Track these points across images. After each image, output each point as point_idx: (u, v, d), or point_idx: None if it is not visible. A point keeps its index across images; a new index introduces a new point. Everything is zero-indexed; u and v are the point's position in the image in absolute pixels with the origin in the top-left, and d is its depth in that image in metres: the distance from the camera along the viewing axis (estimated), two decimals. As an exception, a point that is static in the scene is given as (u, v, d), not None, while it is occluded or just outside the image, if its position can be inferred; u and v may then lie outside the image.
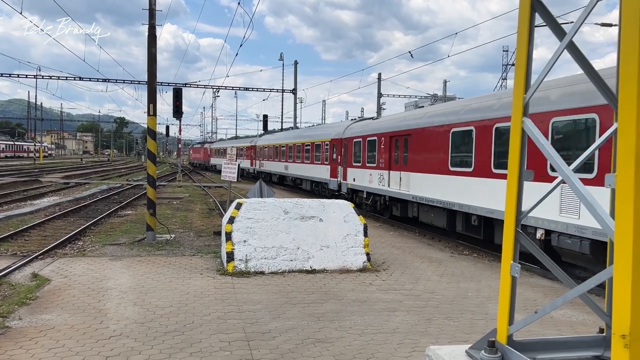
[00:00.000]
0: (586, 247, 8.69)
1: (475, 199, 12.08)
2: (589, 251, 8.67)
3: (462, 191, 12.69)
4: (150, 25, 13.31)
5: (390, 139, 17.08)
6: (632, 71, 2.27)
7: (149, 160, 13.26)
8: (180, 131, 40.09)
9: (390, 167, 17.05)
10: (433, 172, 14.17)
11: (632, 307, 2.25)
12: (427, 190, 14.46)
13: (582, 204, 2.61)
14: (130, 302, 7.49)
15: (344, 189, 21.48)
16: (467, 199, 12.41)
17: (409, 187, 15.54)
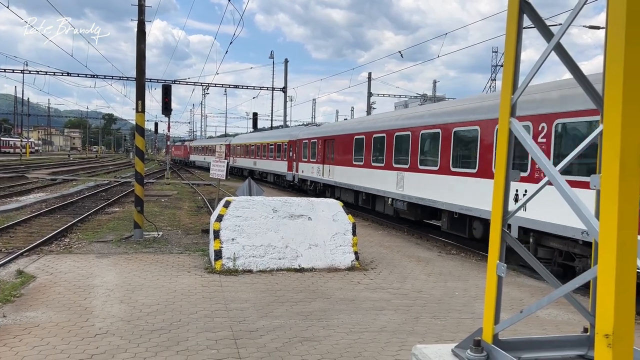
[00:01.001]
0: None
1: (364, 182, 18.49)
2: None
3: (359, 177, 18.89)
4: (139, 21, 13.22)
5: (324, 142, 23.16)
6: (617, 74, 2.29)
7: (137, 157, 13.17)
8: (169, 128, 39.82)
9: (324, 162, 23.08)
10: (345, 165, 20.42)
11: (615, 307, 2.27)
12: (342, 177, 20.75)
13: (568, 204, 2.62)
14: (116, 300, 7.43)
15: (296, 180, 27.52)
16: (362, 183, 18.70)
17: (333, 176, 21.77)
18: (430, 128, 14.07)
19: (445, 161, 13.22)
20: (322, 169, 23.00)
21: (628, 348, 2.30)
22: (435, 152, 13.71)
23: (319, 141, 23.78)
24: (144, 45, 13.24)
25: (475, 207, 11.82)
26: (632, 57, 2.29)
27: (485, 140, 11.58)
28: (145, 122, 13.31)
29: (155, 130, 66.07)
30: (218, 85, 44.19)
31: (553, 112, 9.54)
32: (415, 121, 15.07)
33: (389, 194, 16.31)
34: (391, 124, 16.73)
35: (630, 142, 2.31)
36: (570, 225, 8.81)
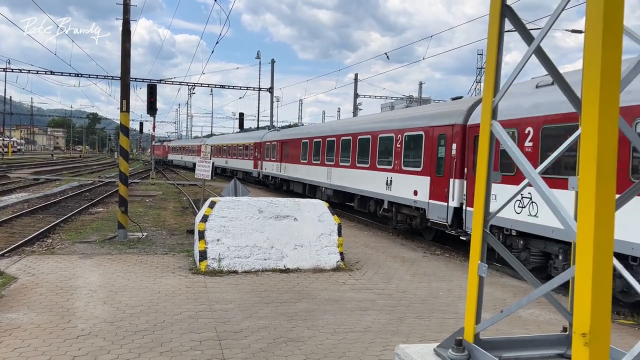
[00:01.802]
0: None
1: (308, 176, 23.14)
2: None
3: (304, 173, 23.57)
4: (124, 20, 13.12)
5: (281, 144, 27.98)
6: (595, 78, 2.34)
7: (121, 157, 13.07)
8: (154, 128, 39.53)
9: (281, 161, 27.80)
10: (295, 163, 25.16)
11: (592, 306, 2.32)
12: (293, 173, 25.54)
13: (547, 205, 2.67)
14: (99, 301, 7.37)
15: (261, 176, 32.24)
16: (306, 177, 23.35)
17: (288, 172, 26.48)
18: (347, 136, 19.20)
19: (353, 159, 18.37)
20: (280, 167, 28.02)
21: (604, 346, 2.35)
22: (348, 153, 18.88)
23: (277, 143, 28.66)
24: (129, 44, 13.15)
25: (368, 190, 17.00)
26: (608, 62, 2.34)
27: (374, 144, 16.81)
28: (130, 121, 13.21)
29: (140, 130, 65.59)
30: (204, 85, 43.98)
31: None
32: (338, 131, 20.43)
33: (322, 184, 21.32)
34: (324, 132, 21.99)
35: (606, 145, 2.36)
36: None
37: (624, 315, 8.07)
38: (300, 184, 24.55)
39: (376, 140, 16.57)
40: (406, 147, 14.76)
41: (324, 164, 21.09)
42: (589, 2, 2.41)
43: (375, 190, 16.37)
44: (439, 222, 13.04)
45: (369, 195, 16.87)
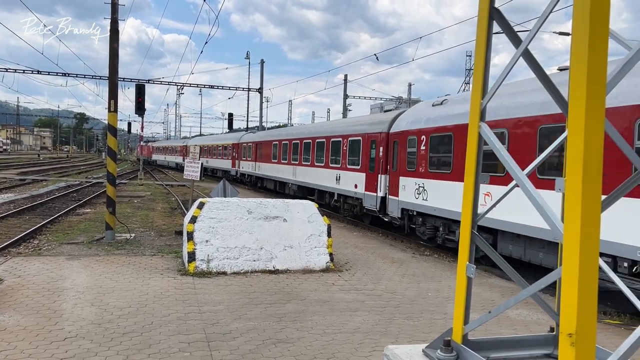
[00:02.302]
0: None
1: (277, 174, 26.34)
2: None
3: (275, 171, 26.79)
4: (112, 19, 13.03)
5: (256, 145, 31.41)
6: (581, 79, 2.37)
7: (109, 158, 12.97)
8: (143, 128, 39.26)
9: (256, 160, 31.04)
10: (267, 163, 28.43)
11: (578, 306, 2.34)
12: (265, 171, 28.88)
13: (534, 206, 2.69)
14: (87, 303, 7.31)
15: (238, 174, 35.22)
16: (276, 174, 26.54)
17: (261, 170, 29.88)
18: (308, 139, 22.42)
19: (313, 159, 21.42)
20: (255, 166, 31.44)
21: (590, 346, 2.37)
22: (309, 154, 21.93)
23: (253, 145, 32.13)
24: (117, 44, 13.06)
25: (324, 185, 20.22)
26: (595, 64, 2.37)
27: (327, 147, 20.10)
28: (117, 121, 13.12)
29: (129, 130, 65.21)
30: (193, 85, 43.78)
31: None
32: (301, 135, 23.53)
33: (289, 181, 24.50)
34: (291, 135, 25.32)
35: (593, 147, 2.38)
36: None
37: (610, 315, 8.16)
38: (272, 181, 28.07)
39: (329, 143, 20.04)
40: (349, 150, 18.11)
41: (290, 163, 24.54)
42: (576, 6, 2.43)
43: (329, 185, 19.82)
44: (371, 208, 16.25)
45: (325, 189, 20.29)
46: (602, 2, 2.36)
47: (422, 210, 13.31)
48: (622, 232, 7.67)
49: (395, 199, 14.78)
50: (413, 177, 13.89)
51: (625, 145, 2.72)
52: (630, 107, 7.87)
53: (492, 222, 10.53)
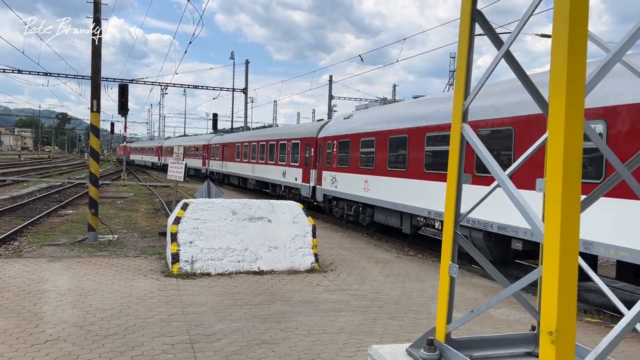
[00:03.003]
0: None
1: (240, 171, 30.54)
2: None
3: (238, 169, 31.19)
4: (95, 18, 12.89)
5: (222, 146, 35.83)
6: (561, 82, 2.40)
7: (91, 158, 12.83)
8: (126, 128, 38.88)
9: (223, 159, 35.71)
10: (232, 161, 32.86)
11: (558, 305, 2.37)
12: (230, 169, 33.25)
13: (515, 206, 2.72)
14: (69, 305, 7.22)
15: (208, 172, 39.50)
16: (239, 172, 30.94)
17: (227, 168, 34.39)
18: (262, 142, 27.15)
19: (266, 158, 25.91)
20: (222, 164, 35.96)
21: (570, 344, 2.41)
22: (264, 152, 26.52)
23: (220, 146, 36.64)
24: (99, 43, 12.92)
25: (274, 179, 24.52)
26: (574, 67, 2.40)
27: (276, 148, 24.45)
28: (100, 122, 12.98)
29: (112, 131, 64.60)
30: (177, 85, 43.50)
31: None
32: (258, 137, 28.43)
33: (249, 176, 29.13)
34: (250, 138, 29.92)
35: (572, 147, 2.42)
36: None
37: (591, 313, 8.28)
38: (236, 177, 32.75)
39: (278, 145, 24.53)
40: (292, 150, 22.52)
41: (250, 161, 29.29)
42: (556, 9, 2.47)
43: (278, 179, 24.21)
44: (306, 196, 20.60)
45: (275, 182, 24.72)
46: (581, 5, 2.40)
47: (335, 195, 17.88)
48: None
49: (320, 187, 19.29)
50: (329, 171, 18.38)
51: (604, 145, 2.76)
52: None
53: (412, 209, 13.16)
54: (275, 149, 24.74)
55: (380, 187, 14.57)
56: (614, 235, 7.67)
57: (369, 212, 15.65)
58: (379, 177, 14.67)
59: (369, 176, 15.28)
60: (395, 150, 13.89)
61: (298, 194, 21.36)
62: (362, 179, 15.70)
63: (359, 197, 15.79)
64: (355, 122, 17.15)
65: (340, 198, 17.49)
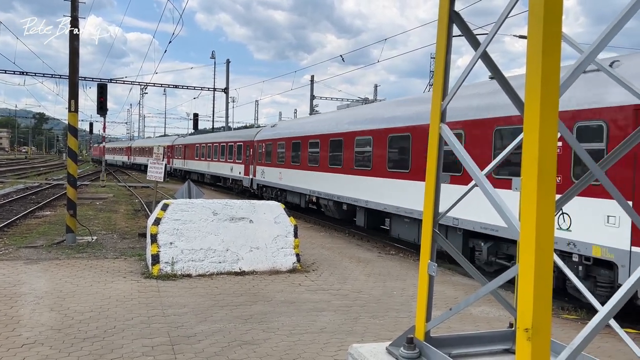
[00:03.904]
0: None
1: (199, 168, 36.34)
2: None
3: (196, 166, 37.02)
4: (72, 17, 12.71)
5: (184, 147, 41.09)
6: (536, 82, 2.44)
7: (69, 159, 12.64)
8: (105, 129, 38.38)
9: (184, 158, 40.95)
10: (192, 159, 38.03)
11: (534, 302, 2.41)
12: (191, 166, 38.21)
13: (492, 206, 2.76)
14: (46, 308, 7.11)
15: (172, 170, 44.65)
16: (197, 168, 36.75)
17: (188, 166, 39.52)
18: (216, 143, 32.33)
19: (219, 156, 31.27)
20: (184, 162, 40.98)
21: (546, 340, 2.45)
22: (217, 152, 31.82)
23: (182, 146, 41.92)
24: (77, 42, 12.74)
25: (225, 174, 29.99)
26: (548, 68, 2.45)
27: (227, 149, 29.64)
28: (78, 122, 12.80)
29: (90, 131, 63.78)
30: (157, 85, 43.09)
31: None
32: (211, 140, 34.12)
33: (206, 172, 34.56)
34: (206, 140, 35.32)
35: (547, 147, 2.46)
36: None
37: (568, 310, 8.42)
38: (196, 173, 37.63)
39: (227, 146, 30.09)
40: (237, 150, 28.11)
41: (206, 159, 34.58)
42: (531, 11, 2.51)
43: (228, 174, 29.84)
44: (247, 186, 26.22)
45: (226, 176, 30.48)
46: (555, 6, 2.44)
47: (264, 183, 23.61)
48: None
49: (255, 178, 24.87)
50: (261, 166, 23.96)
51: (577, 144, 2.82)
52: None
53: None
54: (225, 150, 30.48)
55: (289, 176, 20.45)
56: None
57: (283, 195, 21.40)
58: (288, 169, 20.42)
59: (282, 169, 21.22)
60: (296, 151, 19.66)
61: (241, 185, 27.75)
62: (278, 171, 21.61)
63: (277, 184, 21.74)
64: (276, 130, 23.22)
65: (267, 186, 23.40)
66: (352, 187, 15.04)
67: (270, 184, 22.48)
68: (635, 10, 2.69)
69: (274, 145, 22.21)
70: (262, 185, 23.98)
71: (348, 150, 15.39)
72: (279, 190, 21.78)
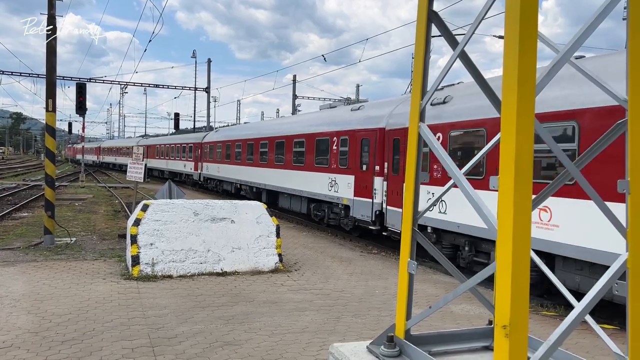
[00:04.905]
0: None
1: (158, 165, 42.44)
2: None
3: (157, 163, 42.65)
4: (49, 15, 12.50)
5: (146, 147, 44.28)
6: (513, 82, 2.47)
7: (47, 159, 12.44)
8: (84, 129, 37.83)
9: (147, 157, 42.93)
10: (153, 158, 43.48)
11: (511, 300, 2.44)
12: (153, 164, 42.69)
13: (471, 205, 2.79)
14: (23, 311, 6.98)
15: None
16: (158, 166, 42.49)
17: (150, 164, 40.46)
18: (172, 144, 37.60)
19: (175, 155, 36.79)
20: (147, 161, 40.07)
21: (523, 337, 2.48)
22: (173, 152, 37.54)
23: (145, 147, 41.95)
24: (54, 41, 12.54)
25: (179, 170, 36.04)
26: (525, 68, 2.48)
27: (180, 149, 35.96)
28: (56, 121, 12.61)
29: (69, 131, 62.83)
30: (137, 85, 42.62)
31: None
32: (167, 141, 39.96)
33: (165, 169, 39.69)
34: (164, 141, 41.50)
35: (524, 146, 2.49)
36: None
37: (547, 307, 8.54)
38: (157, 170, 42.84)
39: (181, 147, 35.67)
40: (189, 150, 33.79)
41: (165, 158, 40.00)
42: (507, 12, 2.54)
43: (182, 170, 35.60)
44: (197, 180, 32.34)
45: (181, 172, 35.96)
46: (530, 6, 2.47)
47: (208, 176, 29.98)
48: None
49: (202, 173, 31.26)
50: (206, 163, 30.47)
51: (554, 144, 2.86)
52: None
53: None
54: (180, 149, 36.45)
55: (224, 170, 26.99)
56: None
57: (221, 184, 28.10)
58: (224, 165, 26.89)
59: (220, 165, 27.74)
60: (228, 151, 26.30)
61: (192, 180, 33.81)
62: (217, 166, 28.11)
63: (216, 176, 28.27)
64: (217, 135, 29.82)
65: (210, 178, 29.91)
66: (259, 176, 21.79)
67: (212, 177, 29.37)
68: (608, 11, 2.74)
69: (214, 147, 29.01)
70: (206, 178, 30.89)
71: (256, 151, 22.34)
72: (218, 181, 28.71)
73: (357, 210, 14.20)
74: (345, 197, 14.68)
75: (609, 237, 6.71)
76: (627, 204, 2.91)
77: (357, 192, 14.15)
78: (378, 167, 13.41)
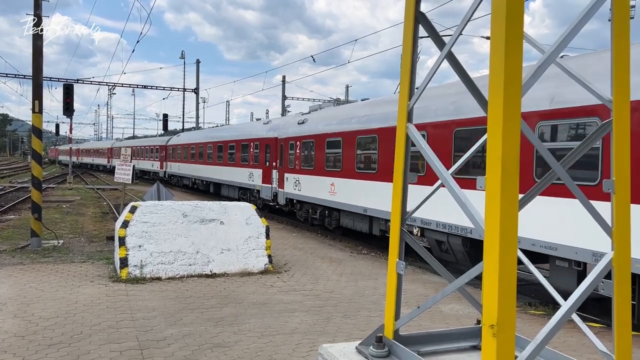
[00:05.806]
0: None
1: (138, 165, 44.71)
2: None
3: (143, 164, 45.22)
4: (35, 15, 12.38)
5: (111, 150, 54.68)
6: (499, 84, 2.48)
7: (34, 161, 12.31)
8: (72, 130, 37.52)
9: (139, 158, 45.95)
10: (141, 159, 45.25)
11: (499, 299, 2.45)
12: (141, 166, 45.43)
13: (458, 205, 2.80)
14: (9, 314, 6.90)
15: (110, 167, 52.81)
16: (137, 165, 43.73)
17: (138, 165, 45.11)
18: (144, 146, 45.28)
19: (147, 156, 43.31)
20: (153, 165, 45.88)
21: (511, 336, 2.49)
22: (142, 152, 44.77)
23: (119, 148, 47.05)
24: (41, 41, 12.42)
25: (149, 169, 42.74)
26: (511, 69, 2.49)
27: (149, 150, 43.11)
28: (43, 123, 12.49)
29: (57, 132, 62.32)
30: (125, 85, 42.35)
31: None
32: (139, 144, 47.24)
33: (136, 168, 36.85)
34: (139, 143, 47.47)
35: (510, 146, 2.50)
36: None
37: (535, 306, 8.61)
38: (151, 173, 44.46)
39: (149, 148, 41.55)
40: (155, 151, 39.71)
41: (136, 158, 43.96)
42: (493, 14, 2.55)
43: (149, 168, 41.27)
44: (160, 176, 37.93)
45: (149, 170, 41.63)
46: (516, 7, 2.48)
47: (174, 174, 35.05)
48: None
49: (168, 171, 36.26)
50: (170, 162, 35.62)
51: (540, 144, 2.87)
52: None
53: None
54: (147, 150, 42.55)
55: (184, 168, 32.66)
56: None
57: (181, 180, 33.55)
58: (184, 163, 32.51)
59: (180, 164, 33.28)
60: (187, 152, 31.72)
61: (159, 176, 37.97)
62: (178, 165, 33.67)
63: (178, 173, 34.00)
64: (179, 138, 35.45)
65: (173, 175, 35.26)
66: (207, 172, 27.85)
67: (174, 173, 35.14)
68: (593, 12, 2.76)
69: (176, 149, 34.80)
70: (170, 175, 36.36)
71: (205, 152, 28.34)
72: (179, 177, 34.56)
73: (264, 193, 20.50)
74: (258, 185, 21.08)
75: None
76: (612, 203, 2.93)
77: (264, 181, 20.52)
78: (275, 163, 19.45)
